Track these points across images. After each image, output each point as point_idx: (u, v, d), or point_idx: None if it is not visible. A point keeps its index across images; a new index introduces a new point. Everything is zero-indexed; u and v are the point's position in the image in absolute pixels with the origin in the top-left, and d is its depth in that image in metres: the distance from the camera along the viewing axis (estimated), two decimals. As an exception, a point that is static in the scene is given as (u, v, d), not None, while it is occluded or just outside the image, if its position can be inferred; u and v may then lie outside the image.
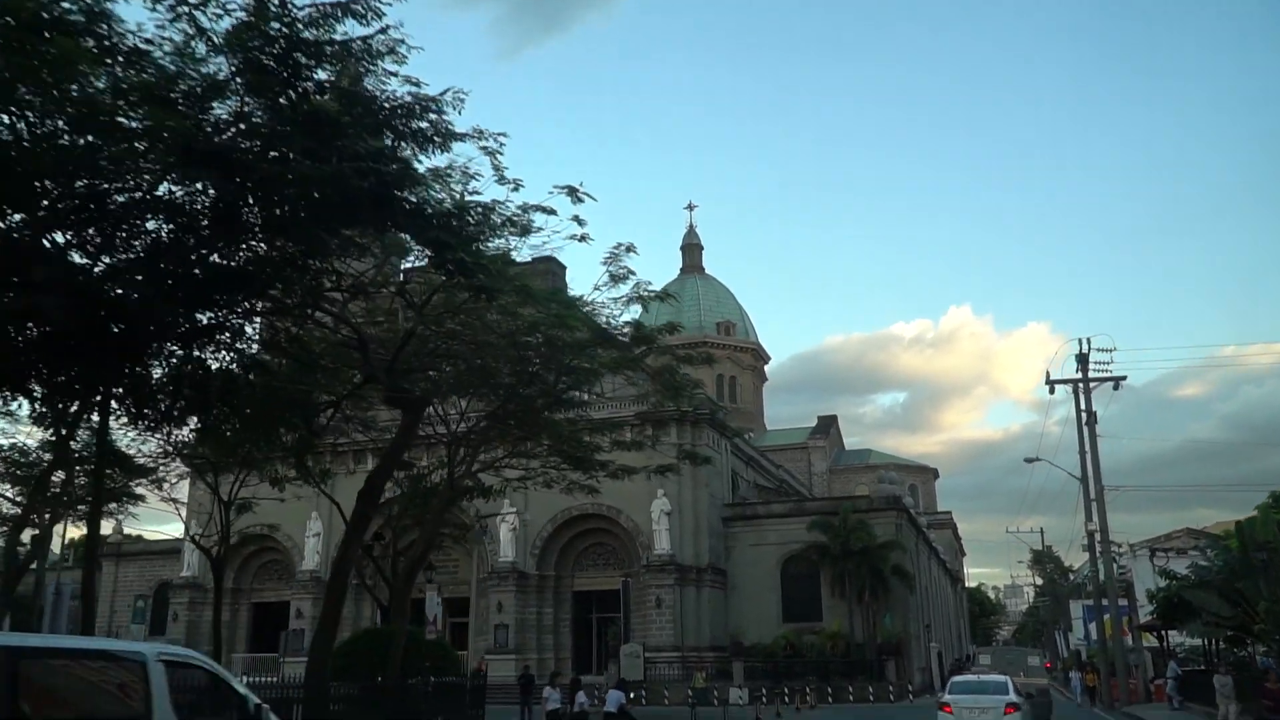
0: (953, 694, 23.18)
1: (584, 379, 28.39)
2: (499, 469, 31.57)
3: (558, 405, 28.25)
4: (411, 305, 21.42)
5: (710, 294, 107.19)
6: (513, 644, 50.23)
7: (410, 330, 21.36)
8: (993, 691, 22.78)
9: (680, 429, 50.79)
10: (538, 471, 31.91)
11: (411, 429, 21.78)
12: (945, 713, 22.30)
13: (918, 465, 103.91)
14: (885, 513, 49.94)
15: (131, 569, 65.39)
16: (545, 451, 30.82)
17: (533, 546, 52.16)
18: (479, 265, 17.97)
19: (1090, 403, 39.84)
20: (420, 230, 16.06)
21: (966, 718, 21.88)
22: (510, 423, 29.19)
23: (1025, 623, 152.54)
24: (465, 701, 24.99)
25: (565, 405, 28.53)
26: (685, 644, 47.86)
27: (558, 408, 28.51)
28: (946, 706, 22.46)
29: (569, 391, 28.24)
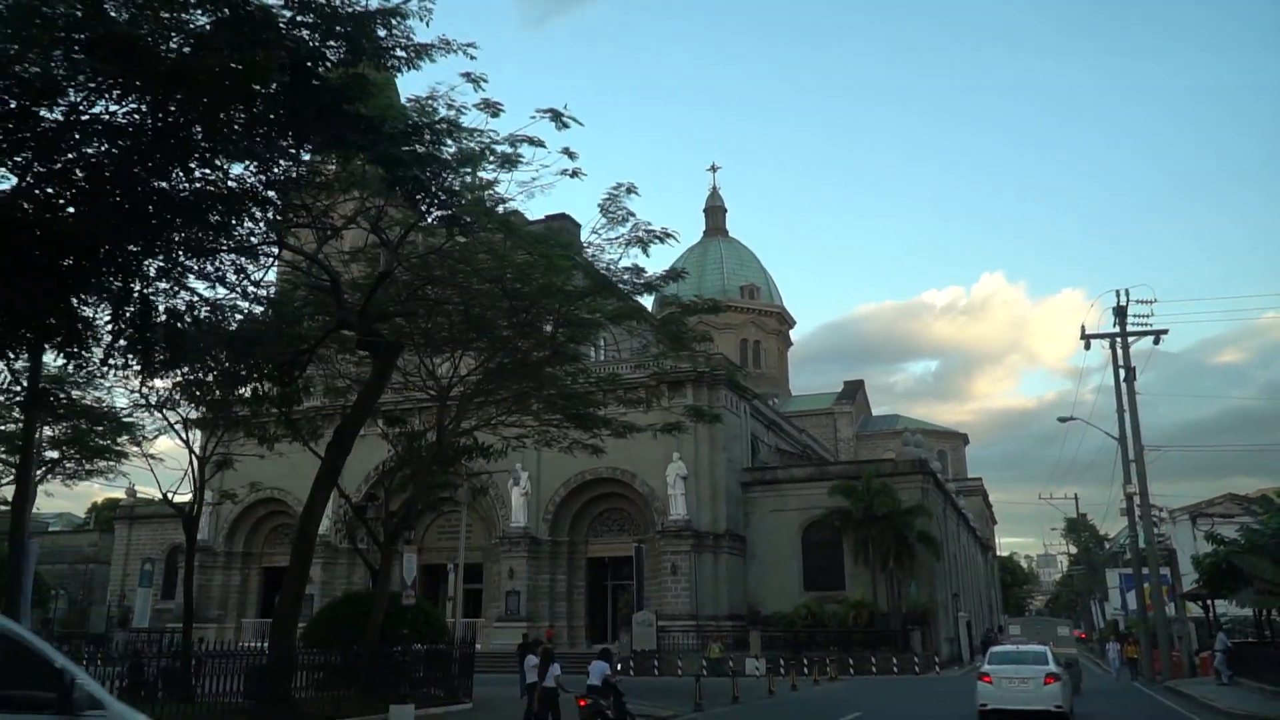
0: (992, 664, 23.05)
1: (585, 330, 26.56)
2: (495, 427, 29.79)
3: (557, 359, 26.43)
4: (385, 243, 19.57)
5: (733, 257, 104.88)
6: (524, 611, 48.78)
7: (384, 271, 19.52)
8: (1032, 661, 22.64)
9: (696, 390, 48.90)
10: (536, 429, 30.12)
11: (384, 376, 19.97)
12: (985, 682, 22.15)
13: (947, 431, 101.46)
14: (910, 477, 47.82)
15: (144, 531, 64.67)
16: (544, 408, 29.02)
17: (545, 511, 50.57)
18: (444, 189, 16.09)
19: (1129, 358, 37.51)
20: (371, 145, 14.19)
21: (1006, 688, 21.78)
22: (504, 378, 27.46)
23: (1059, 593, 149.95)
24: (452, 671, 23.24)
25: (565, 359, 26.71)
26: (702, 613, 46.17)
27: (557, 361, 26.69)
28: (986, 676, 22.34)
29: (568, 344, 26.42)
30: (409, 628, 22.79)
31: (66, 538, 75.54)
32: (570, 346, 26.76)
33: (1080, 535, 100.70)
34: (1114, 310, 38.12)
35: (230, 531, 57.75)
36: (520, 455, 51.16)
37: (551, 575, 50.33)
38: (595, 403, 28.57)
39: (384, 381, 20.18)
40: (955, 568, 60.07)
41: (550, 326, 24.76)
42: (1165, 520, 55.70)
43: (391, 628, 22.64)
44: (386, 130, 14.09)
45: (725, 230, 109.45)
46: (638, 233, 22.68)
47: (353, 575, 54.18)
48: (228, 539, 57.73)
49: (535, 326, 25.08)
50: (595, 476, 50.08)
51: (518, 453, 51.84)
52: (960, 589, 59.96)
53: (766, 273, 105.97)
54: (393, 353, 19.58)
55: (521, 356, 26.04)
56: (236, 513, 57.54)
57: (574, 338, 26.68)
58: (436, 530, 56.17)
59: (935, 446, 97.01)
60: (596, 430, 29.69)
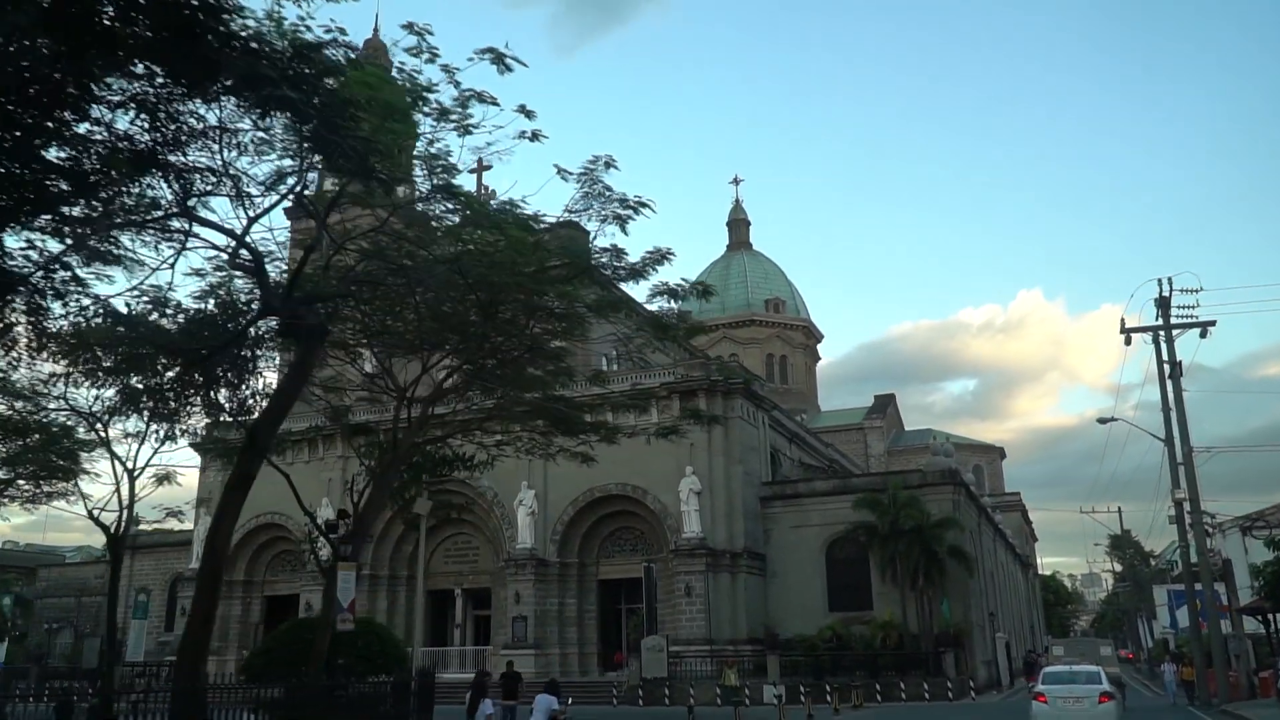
0: (1046, 684, 23.75)
1: (567, 324, 24.01)
2: (472, 434, 27.33)
3: (535, 356, 23.91)
4: (311, 214, 17.18)
5: (758, 270, 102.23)
6: (532, 638, 46.06)
7: (310, 245, 17.12)
8: (1085, 681, 23.43)
9: (709, 398, 46.19)
10: (517, 436, 27.62)
11: (305, 365, 17.50)
12: (1040, 702, 22.80)
13: (983, 444, 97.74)
14: (940, 488, 44.70)
15: (147, 561, 62.83)
16: (526, 413, 26.49)
17: (553, 532, 47.93)
18: (355, 137, 13.65)
19: (1174, 352, 34.38)
20: (248, 74, 11.80)
21: (1061, 707, 22.42)
22: (481, 379, 25.00)
23: (1104, 611, 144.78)
24: (408, 705, 20.63)
25: (545, 356, 24.18)
26: (719, 636, 43.23)
27: (536, 359, 24.17)
28: (1041, 696, 22.98)
29: (544, 338, 23.92)
30: (360, 656, 20.12)
31: (73, 570, 73.78)
32: (548, 341, 24.26)
33: (1125, 552, 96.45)
34: (1156, 301, 35.13)
35: (230, 558, 55.50)
36: (526, 472, 48.75)
37: (560, 599, 47.61)
38: (582, 406, 25.97)
39: (306, 370, 17.74)
40: (992, 586, 56.65)
41: (523, 318, 22.25)
42: (1214, 533, 52.06)
43: (343, 655, 20.05)
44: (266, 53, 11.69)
45: (749, 244, 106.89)
46: (613, 206, 20.16)
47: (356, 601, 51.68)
48: (227, 566, 55.45)
49: (509, 320, 22.63)
50: (605, 494, 47.47)
51: (522, 470, 49.63)
52: (998, 608, 56.49)
53: (792, 286, 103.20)
54: (316, 337, 17.13)
55: (498, 355, 23.55)
56: (237, 539, 55.38)
57: (553, 331, 24.18)
58: (442, 554, 53.81)
59: (971, 461, 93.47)
60: (585, 437, 27.13)
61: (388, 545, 52.86)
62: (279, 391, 17.87)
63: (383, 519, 52.57)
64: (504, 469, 50.13)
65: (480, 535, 51.79)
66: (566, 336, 24.07)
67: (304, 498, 52.82)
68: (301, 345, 16.85)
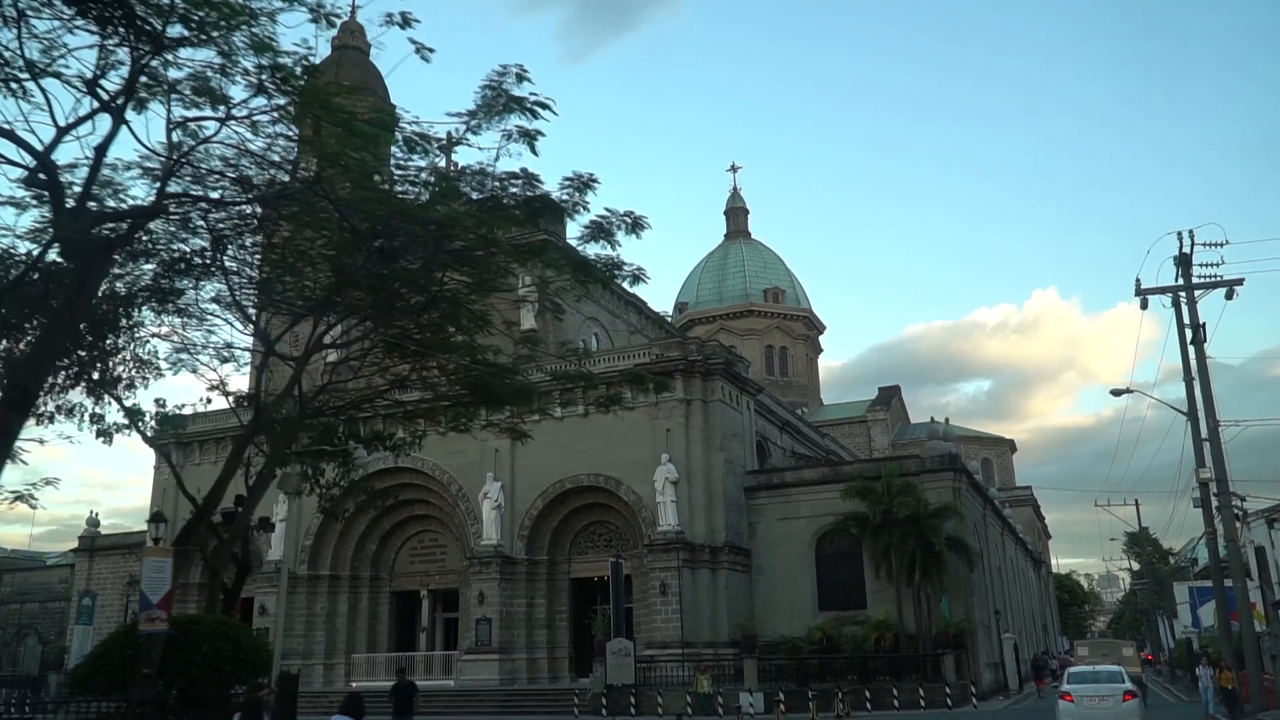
0: (1071, 684, 24.65)
1: (483, 273, 20.35)
2: (381, 406, 23.80)
3: (441, 308, 20.24)
4: (106, 106, 13.55)
5: (756, 259, 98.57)
6: (496, 641, 42.43)
7: (101, 145, 13.51)
8: (1108, 680, 24.48)
9: (687, 381, 42.52)
10: (430, 407, 24.08)
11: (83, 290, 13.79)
12: (1066, 701, 23.65)
13: (992, 437, 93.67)
14: (939, 475, 40.87)
15: (105, 564, 59.32)
16: (447, 379, 22.85)
17: (520, 527, 44.32)
18: None
19: (1196, 314, 30.52)
20: None
21: (1088, 705, 23.35)
22: (386, 340, 21.45)
23: (1121, 611, 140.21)
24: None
25: (452, 309, 20.49)
26: (698, 639, 39.52)
27: (442, 313, 20.51)
28: (1068, 695, 23.82)
29: (466, 295, 20.31)
30: (206, 663, 16.45)
31: (39, 574, 70.57)
32: (469, 299, 20.62)
33: (1143, 549, 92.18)
34: (1175, 259, 31.29)
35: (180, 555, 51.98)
36: (493, 463, 45.20)
37: (529, 599, 43.97)
38: (509, 370, 22.35)
39: (85, 296, 14.07)
40: (1000, 583, 52.78)
41: (420, 262, 18.66)
42: (1242, 523, 48.06)
43: (186, 661, 16.40)
44: None
45: (748, 232, 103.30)
46: (512, 117, 16.52)
47: (314, 604, 48.26)
48: (178, 570, 51.93)
49: (418, 269, 19.06)
50: (576, 485, 43.88)
51: (488, 460, 46.01)
52: (1006, 607, 52.60)
53: (792, 275, 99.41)
54: (100, 252, 13.46)
55: (399, 307, 19.95)
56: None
57: (474, 286, 20.59)
58: (409, 553, 50.32)
59: (980, 454, 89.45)
60: (516, 409, 23.55)
61: (349, 544, 49.34)
62: (48, 325, 14.27)
63: (356, 521, 49.08)
64: (469, 460, 46.74)
65: (448, 532, 48.27)
66: (483, 291, 20.39)
67: (232, 495, 49.46)
68: (82, 264, 13.24)
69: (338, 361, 22.46)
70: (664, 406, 42.39)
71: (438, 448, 47.04)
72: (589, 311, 55.04)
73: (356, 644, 48.39)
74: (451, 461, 46.38)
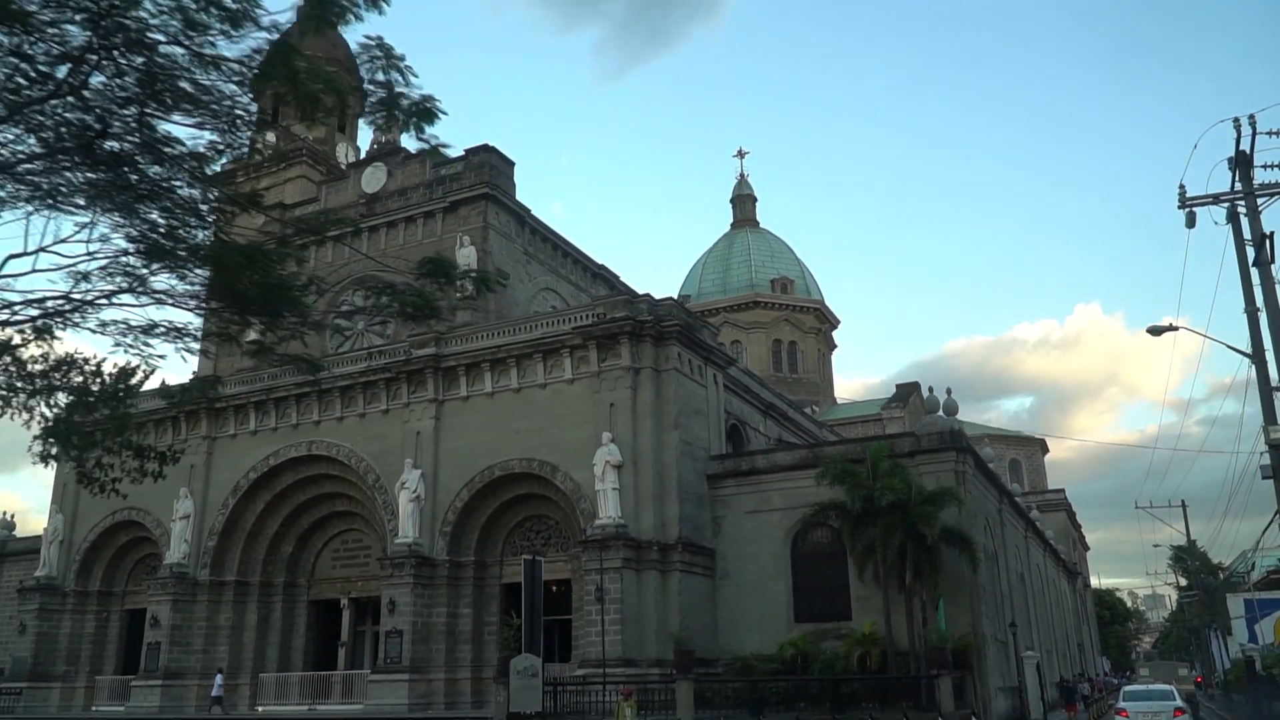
0: (1126, 701, 28.53)
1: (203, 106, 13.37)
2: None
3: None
4: None
5: (763, 248, 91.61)
6: (408, 658, 35.49)
7: None
8: (1159, 698, 28.34)
9: (636, 347, 35.55)
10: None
11: None
12: (1122, 717, 27.64)
13: (1021, 436, 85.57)
14: (939, 456, 33.53)
15: (17, 571, 53.07)
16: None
17: (443, 523, 37.46)
18: None
19: (1259, 227, 23.21)
20: None
21: None
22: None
23: (1169, 630, 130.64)
24: None
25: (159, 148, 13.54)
26: (644, 655, 32.41)
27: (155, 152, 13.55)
28: (1123, 711, 27.80)
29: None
30: None
31: None
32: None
33: (1190, 561, 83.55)
34: (1230, 161, 24.04)
35: (84, 565, 45.69)
36: (413, 447, 38.39)
37: (452, 608, 37.01)
38: (273, 256, 15.28)
39: None
40: (1025, 592, 45.15)
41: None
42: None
43: None
44: None
45: (755, 221, 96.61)
46: None
47: (218, 615, 41.64)
48: (80, 575, 45.64)
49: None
50: (507, 472, 36.99)
51: (409, 444, 38.93)
52: (1030, 620, 44.93)
53: (802, 264, 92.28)
54: None
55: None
56: (90, 541, 45.69)
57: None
58: (330, 556, 43.62)
59: (1007, 454, 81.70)
60: (283, 315, 16.51)
61: (259, 545, 42.72)
62: None
63: (253, 512, 42.59)
64: (389, 445, 39.89)
65: (373, 532, 41.50)
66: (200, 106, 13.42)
67: (162, 486, 42.64)
68: None
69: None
70: (608, 377, 35.49)
71: (355, 432, 40.56)
72: (545, 281, 48.29)
73: (267, 661, 41.70)
74: (370, 447, 39.80)
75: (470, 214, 44.40)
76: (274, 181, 56.15)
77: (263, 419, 42.73)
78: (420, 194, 46.21)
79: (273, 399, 42.34)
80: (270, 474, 42.09)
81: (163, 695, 39.67)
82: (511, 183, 46.57)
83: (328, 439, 40.93)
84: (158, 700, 39.55)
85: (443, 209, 45.06)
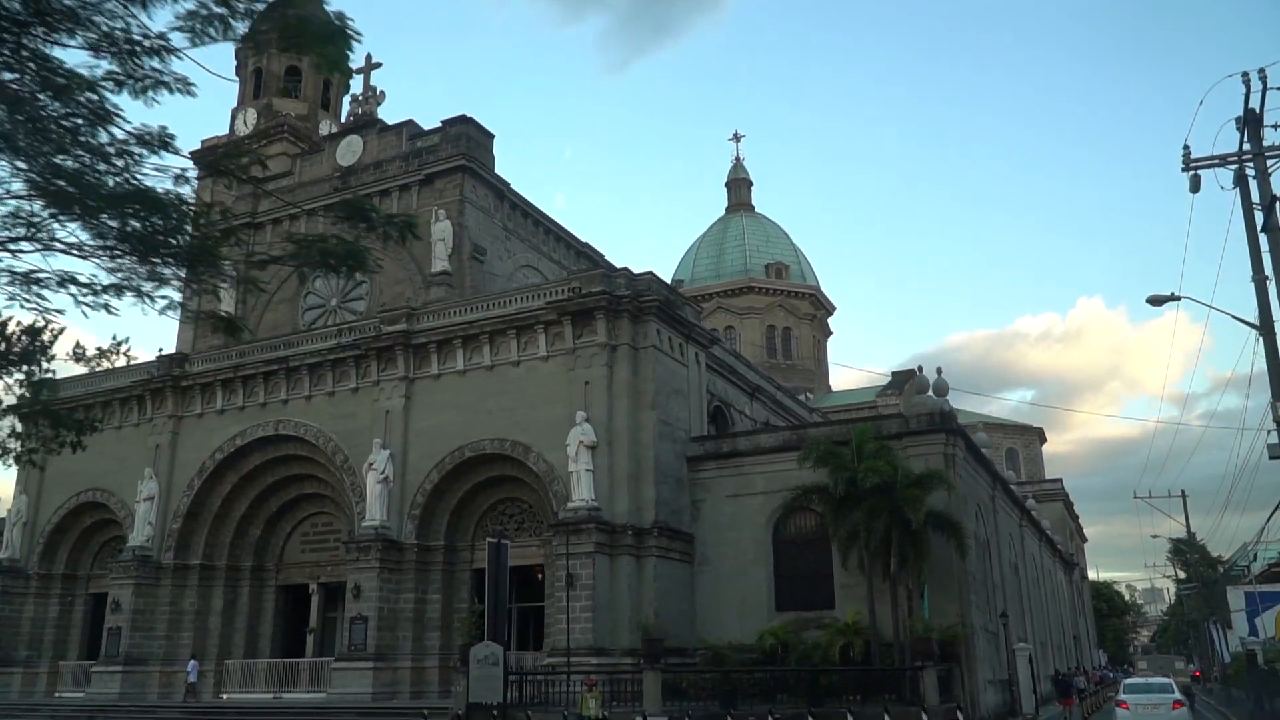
0: (1127, 693, 29.18)
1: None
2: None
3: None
4: None
5: (758, 232, 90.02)
6: (373, 646, 34.06)
7: None
8: (1159, 690, 29.17)
9: (613, 323, 34.02)
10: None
11: None
12: (1123, 709, 28.22)
13: (1018, 425, 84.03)
14: (927, 438, 31.98)
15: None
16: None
17: (412, 505, 35.97)
18: None
19: (1268, 188, 21.65)
20: None
21: (1142, 713, 27.69)
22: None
23: (1167, 623, 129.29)
24: None
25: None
26: (617, 644, 30.98)
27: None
28: (1124, 703, 28.31)
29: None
30: None
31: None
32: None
33: (1189, 553, 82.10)
34: (1238, 121, 22.47)
35: (48, 548, 44.22)
36: (383, 427, 36.92)
37: (420, 594, 35.57)
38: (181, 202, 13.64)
39: None
40: (1018, 582, 43.70)
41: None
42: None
43: None
44: None
45: (750, 205, 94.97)
46: None
47: (182, 600, 40.22)
48: (44, 558, 44.16)
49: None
50: (478, 453, 35.49)
51: (377, 424, 37.34)
52: (1024, 611, 43.48)
53: (798, 250, 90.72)
54: None
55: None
56: (54, 523, 44.21)
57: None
58: (299, 540, 42.15)
59: (1004, 443, 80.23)
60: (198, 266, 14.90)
61: (226, 528, 41.26)
62: None
63: (220, 493, 41.13)
64: (358, 425, 38.33)
65: (343, 515, 39.99)
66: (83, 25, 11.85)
67: (127, 467, 41.06)
68: None
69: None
70: (583, 354, 33.98)
71: (324, 411, 39.08)
72: (526, 259, 46.76)
73: (233, 648, 40.28)
74: (338, 427, 38.31)
75: (446, 187, 42.87)
76: (255, 159, 54.81)
77: (230, 397, 41.22)
78: (396, 166, 44.73)
79: (240, 377, 40.83)
80: (237, 454, 40.61)
81: (123, 681, 38.25)
82: (490, 155, 44.98)
83: (296, 419, 39.43)
84: (118, 687, 38.14)
85: (418, 182, 43.55)
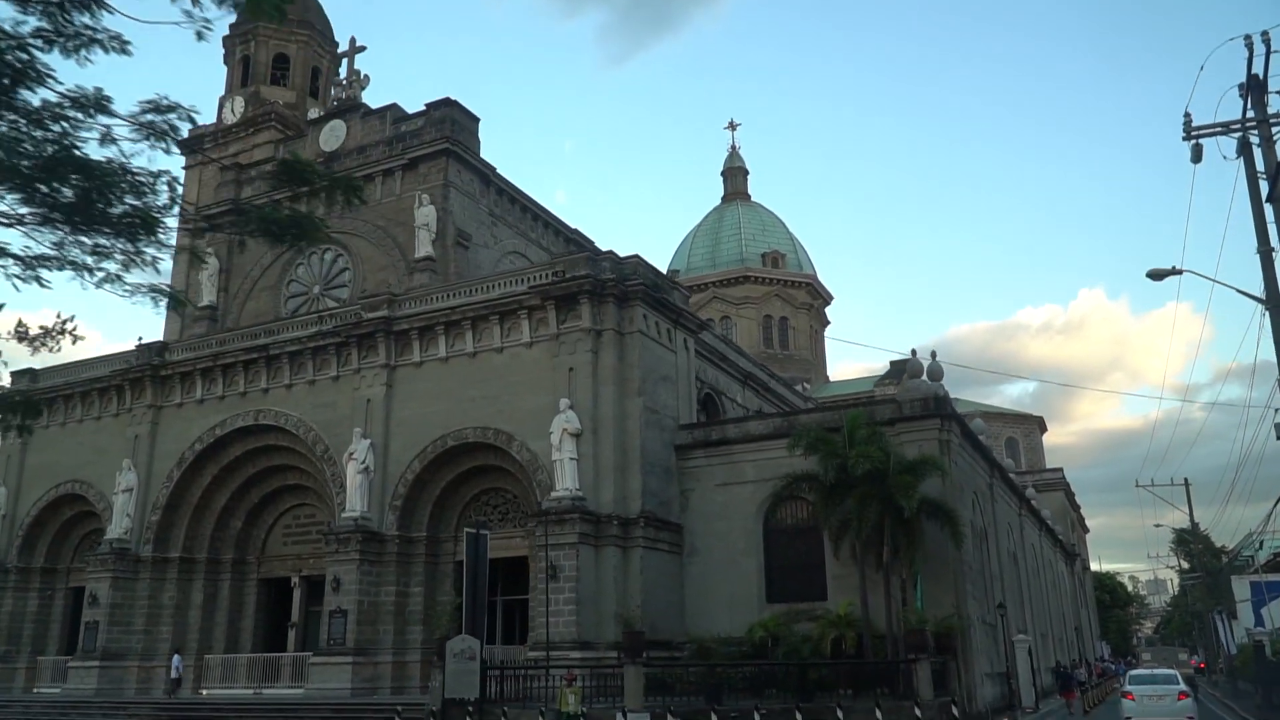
0: (1132, 684, 29.28)
1: None
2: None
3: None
4: None
5: (754, 221, 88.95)
6: (353, 640, 33.16)
7: None
8: (1164, 681, 29.14)
9: (598, 308, 33.05)
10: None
11: None
12: (1128, 700, 28.07)
13: (1017, 413, 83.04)
14: (921, 424, 30.95)
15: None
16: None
17: (393, 496, 35.04)
18: None
19: (1273, 157, 20.65)
20: None
21: (1147, 704, 27.54)
22: None
23: (1170, 615, 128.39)
24: None
25: None
26: (601, 637, 30.07)
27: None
28: (1129, 694, 28.31)
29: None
30: None
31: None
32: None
33: (1193, 543, 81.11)
34: (1241, 88, 21.48)
35: (27, 541, 43.35)
36: (363, 415, 35.96)
37: (402, 587, 34.68)
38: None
39: None
40: (1017, 572, 42.71)
41: None
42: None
43: None
44: None
45: (746, 194, 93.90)
46: None
47: (161, 594, 39.35)
48: (23, 551, 43.29)
49: None
50: (461, 442, 34.54)
51: (358, 413, 36.24)
52: (1024, 602, 42.51)
53: (795, 239, 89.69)
54: None
55: None
56: (33, 515, 43.33)
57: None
58: (281, 532, 41.22)
59: (1004, 432, 79.19)
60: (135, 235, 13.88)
61: (207, 519, 40.36)
62: None
63: (200, 485, 40.23)
64: (339, 414, 37.33)
65: (326, 507, 39.08)
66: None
67: (106, 458, 40.09)
68: None
69: None
70: (567, 340, 33.01)
71: (304, 400, 38.14)
72: (512, 245, 45.78)
73: (214, 642, 39.42)
74: (319, 416, 37.38)
75: (430, 171, 41.90)
76: (243, 147, 53.90)
77: (210, 387, 40.29)
78: (379, 151, 43.79)
79: (220, 365, 39.89)
80: (218, 445, 39.70)
81: (100, 677, 37.38)
82: (476, 139, 43.99)
83: (276, 408, 38.49)
84: (95, 682, 37.27)
85: (402, 166, 42.61)
